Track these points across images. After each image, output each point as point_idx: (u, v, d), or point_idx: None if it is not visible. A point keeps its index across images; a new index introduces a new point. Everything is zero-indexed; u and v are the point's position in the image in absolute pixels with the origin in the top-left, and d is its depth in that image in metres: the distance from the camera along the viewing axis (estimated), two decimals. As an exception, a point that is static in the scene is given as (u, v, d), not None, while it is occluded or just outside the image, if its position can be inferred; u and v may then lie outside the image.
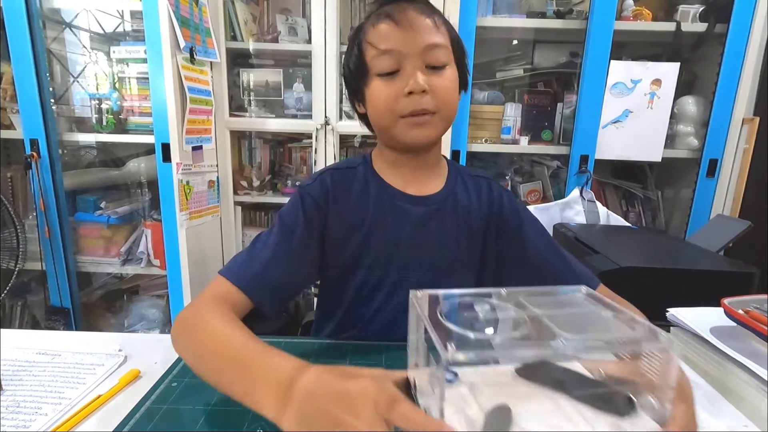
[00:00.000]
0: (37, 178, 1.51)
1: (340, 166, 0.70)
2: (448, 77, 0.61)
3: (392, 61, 0.59)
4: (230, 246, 1.78)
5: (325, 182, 0.66)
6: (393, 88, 0.59)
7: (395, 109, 0.60)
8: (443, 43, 0.60)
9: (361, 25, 0.64)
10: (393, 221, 0.66)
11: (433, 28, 0.60)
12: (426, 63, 0.59)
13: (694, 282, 0.82)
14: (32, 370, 0.55)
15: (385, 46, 0.59)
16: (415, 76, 0.58)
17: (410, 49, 0.58)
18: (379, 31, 0.60)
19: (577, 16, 1.55)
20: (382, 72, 0.60)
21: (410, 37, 0.58)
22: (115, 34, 1.65)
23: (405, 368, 0.40)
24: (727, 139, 1.52)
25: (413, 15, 0.59)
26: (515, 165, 1.83)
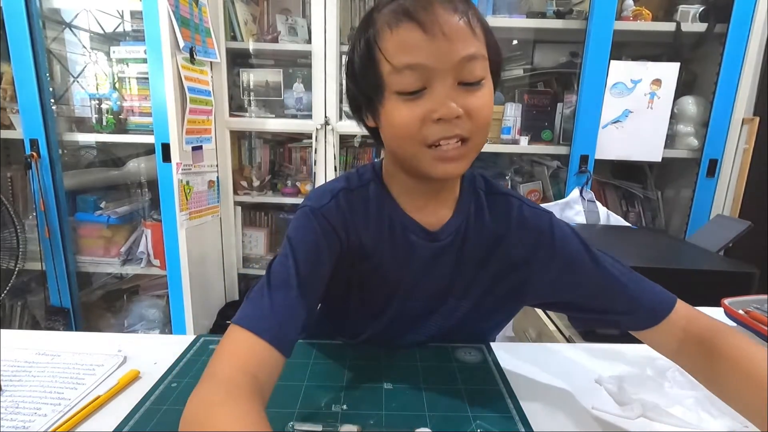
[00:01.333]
0: (37, 178, 1.51)
1: (352, 184, 0.59)
2: (486, 95, 0.48)
3: (417, 78, 0.46)
4: (230, 246, 1.78)
5: (341, 205, 0.57)
6: (418, 112, 0.47)
7: (419, 137, 0.48)
8: (481, 52, 0.47)
9: (370, 18, 0.49)
10: (403, 253, 0.59)
11: (469, 33, 0.46)
12: (459, 79, 0.46)
13: (694, 282, 0.82)
14: (32, 371, 0.55)
15: (408, 60, 0.46)
16: (448, 100, 0.46)
17: (441, 64, 0.45)
18: (400, 39, 0.46)
19: (577, 16, 1.56)
20: (404, 91, 0.47)
21: (441, 47, 0.45)
22: (115, 34, 1.65)
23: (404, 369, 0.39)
24: (727, 139, 1.52)
25: (444, 16, 0.45)
26: (515, 165, 1.83)
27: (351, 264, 0.59)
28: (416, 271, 0.59)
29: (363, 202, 0.58)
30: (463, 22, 0.46)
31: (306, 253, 0.52)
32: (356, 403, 0.51)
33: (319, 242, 0.54)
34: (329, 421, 0.48)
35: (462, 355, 0.62)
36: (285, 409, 0.49)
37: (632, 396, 0.51)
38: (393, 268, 0.59)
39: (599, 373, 0.57)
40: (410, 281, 0.60)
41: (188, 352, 0.62)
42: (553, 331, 0.95)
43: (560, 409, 0.51)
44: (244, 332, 0.44)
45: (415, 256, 0.58)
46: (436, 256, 0.59)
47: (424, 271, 0.59)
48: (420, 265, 0.59)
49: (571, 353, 0.65)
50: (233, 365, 0.42)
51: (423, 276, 0.59)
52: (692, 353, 0.48)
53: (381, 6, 0.49)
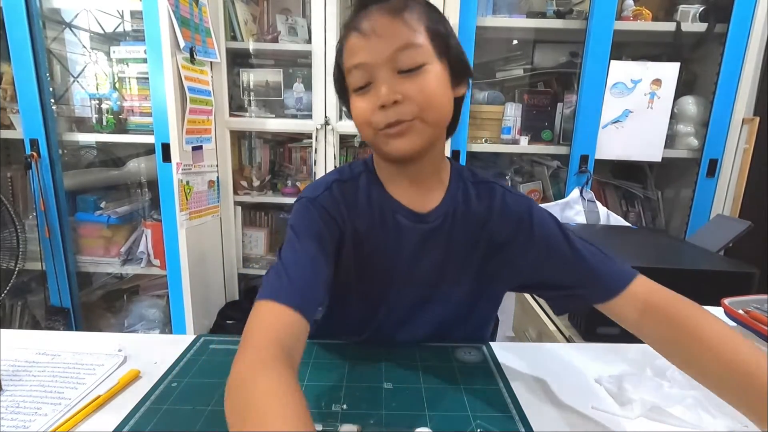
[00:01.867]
0: (37, 178, 1.51)
1: (344, 176, 0.65)
2: (428, 78, 0.54)
3: (363, 75, 0.54)
4: (230, 246, 1.78)
5: (335, 193, 0.62)
6: (367, 103, 0.55)
7: (372, 124, 0.55)
8: (415, 41, 0.53)
9: (340, 38, 0.59)
10: (394, 237, 0.63)
11: (403, 27, 0.53)
12: (398, 68, 0.53)
13: (694, 282, 0.81)
14: (32, 371, 0.55)
15: (353, 61, 0.55)
16: (384, 87, 0.53)
17: (377, 59, 0.53)
18: (349, 46, 0.56)
19: (577, 16, 1.56)
20: (356, 87, 0.56)
21: (375, 45, 0.53)
22: (115, 34, 1.65)
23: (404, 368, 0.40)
24: (727, 139, 1.52)
25: (379, 20, 0.53)
26: (515, 165, 1.83)
27: (348, 252, 0.63)
28: (408, 255, 0.63)
29: (354, 192, 0.63)
30: (398, 20, 0.53)
31: (311, 237, 0.57)
32: (356, 403, 0.51)
33: (321, 228, 0.59)
34: (329, 421, 0.48)
35: (462, 354, 0.63)
36: (285, 409, 0.49)
37: (632, 396, 0.51)
38: (386, 253, 0.63)
39: (599, 373, 0.58)
40: (404, 267, 0.64)
41: (188, 352, 0.62)
42: (553, 331, 0.95)
43: (560, 409, 0.51)
44: (269, 303, 0.47)
45: (405, 239, 0.63)
46: (425, 238, 0.63)
47: (415, 256, 0.63)
48: (411, 248, 0.63)
49: (571, 353, 0.66)
50: (264, 336, 0.45)
51: (415, 261, 0.64)
52: (652, 324, 0.52)
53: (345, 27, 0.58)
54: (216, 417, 0.48)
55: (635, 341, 0.68)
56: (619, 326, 0.84)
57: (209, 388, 0.53)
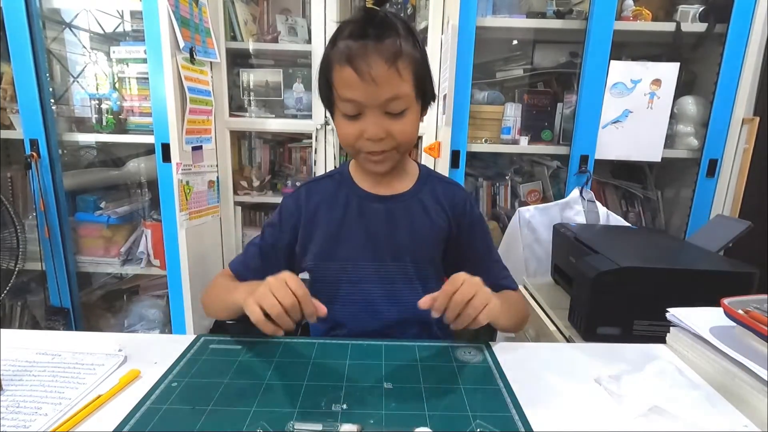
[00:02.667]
0: (37, 178, 1.51)
1: (320, 177, 0.82)
2: (408, 119, 0.67)
3: (354, 108, 0.65)
4: (230, 246, 1.78)
5: (301, 193, 0.79)
6: (354, 129, 0.66)
7: (356, 146, 0.68)
8: (403, 91, 0.64)
9: (333, 44, 0.66)
10: (363, 218, 0.75)
11: (396, 78, 0.63)
12: (385, 110, 0.65)
13: (694, 282, 0.82)
14: (32, 370, 0.55)
15: (348, 95, 0.64)
16: (373, 127, 0.65)
17: (371, 102, 0.64)
18: (343, 78, 0.63)
19: (577, 16, 1.55)
20: (346, 114, 0.66)
21: (371, 90, 0.62)
22: (115, 34, 1.65)
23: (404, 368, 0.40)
24: (727, 139, 1.52)
25: (376, 66, 0.61)
26: (515, 165, 1.83)
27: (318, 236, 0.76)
28: (377, 232, 0.75)
29: (322, 188, 0.79)
30: (392, 69, 0.62)
31: (268, 227, 0.80)
32: (356, 403, 0.51)
33: (276, 219, 0.79)
34: (329, 421, 0.48)
35: (462, 354, 0.63)
36: (285, 409, 0.49)
37: (632, 396, 0.51)
38: (357, 232, 0.75)
39: (599, 373, 0.57)
40: (376, 243, 0.75)
41: (188, 352, 0.62)
42: (553, 331, 0.95)
43: (560, 409, 0.51)
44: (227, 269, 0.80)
45: (373, 217, 0.75)
46: (392, 216, 0.75)
47: (385, 231, 0.75)
48: (379, 226, 0.75)
49: (571, 353, 0.66)
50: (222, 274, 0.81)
51: (386, 237, 0.75)
52: None
53: (339, 37, 0.65)
54: (216, 417, 0.48)
55: (635, 341, 0.69)
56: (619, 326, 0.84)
57: (209, 388, 0.53)
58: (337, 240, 0.76)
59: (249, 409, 0.49)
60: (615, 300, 0.82)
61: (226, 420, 0.47)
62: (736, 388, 0.53)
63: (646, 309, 0.81)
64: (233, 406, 0.49)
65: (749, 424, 0.49)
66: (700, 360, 0.60)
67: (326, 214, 0.76)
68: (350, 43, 0.63)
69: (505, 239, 1.51)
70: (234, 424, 0.46)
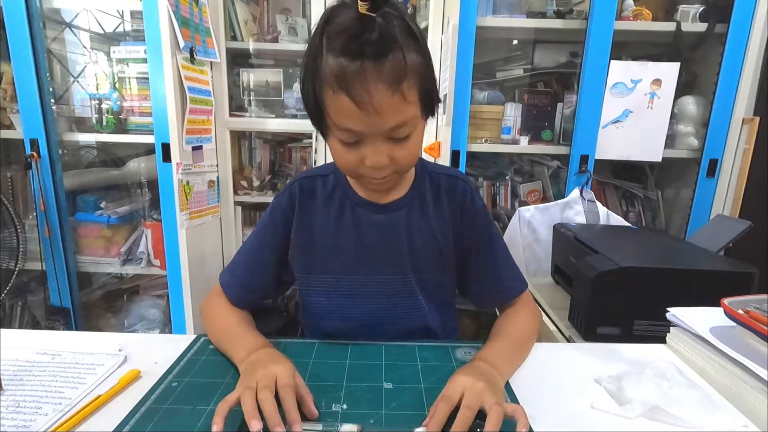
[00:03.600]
0: (37, 178, 1.51)
1: (313, 172, 0.73)
2: (412, 143, 0.59)
3: (353, 136, 0.56)
4: (230, 246, 1.78)
5: (293, 191, 0.71)
6: (353, 156, 0.58)
7: (355, 172, 0.61)
8: (409, 116, 0.56)
9: (318, 63, 0.54)
10: (359, 229, 0.68)
11: (401, 103, 0.54)
12: (389, 136, 0.56)
13: (694, 282, 0.82)
14: (32, 370, 0.55)
15: (345, 125, 0.55)
16: (375, 156, 0.57)
17: (372, 131, 0.55)
18: (339, 107, 0.53)
19: (577, 16, 1.55)
20: (342, 141, 0.58)
21: (372, 120, 0.53)
22: (115, 34, 1.65)
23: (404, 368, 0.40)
24: (727, 139, 1.52)
25: (378, 93, 0.51)
26: (515, 165, 1.83)
27: (310, 243, 0.70)
28: (371, 244, 0.68)
29: (316, 187, 0.71)
30: (394, 95, 0.52)
31: (260, 229, 0.74)
32: (356, 403, 0.51)
33: (268, 221, 0.72)
34: (329, 421, 0.48)
35: (462, 355, 0.63)
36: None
37: (632, 396, 0.51)
38: (350, 242, 0.68)
39: (599, 372, 0.58)
40: (370, 255, 0.68)
41: (188, 352, 0.62)
42: (553, 331, 0.95)
43: (560, 409, 0.51)
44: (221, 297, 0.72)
45: (368, 228, 0.68)
46: (388, 227, 0.68)
47: (380, 244, 0.68)
48: (374, 238, 0.68)
49: (571, 353, 0.66)
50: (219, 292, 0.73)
51: (380, 249, 0.68)
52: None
53: (329, 46, 0.53)
54: (216, 417, 0.48)
55: (635, 341, 0.69)
56: (619, 326, 0.84)
57: (209, 388, 0.53)
58: (330, 252, 0.69)
59: (249, 409, 0.49)
60: (615, 300, 0.82)
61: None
62: (736, 388, 0.53)
63: (646, 309, 0.81)
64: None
65: (749, 424, 0.49)
66: (700, 360, 0.60)
67: (318, 221, 0.70)
68: (344, 62, 0.51)
69: (505, 239, 1.51)
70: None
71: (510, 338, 0.64)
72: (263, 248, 0.72)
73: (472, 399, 0.46)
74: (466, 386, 0.48)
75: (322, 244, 0.69)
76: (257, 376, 0.49)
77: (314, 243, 0.70)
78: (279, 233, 0.71)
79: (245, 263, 0.72)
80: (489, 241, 0.72)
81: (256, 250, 0.72)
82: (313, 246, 0.70)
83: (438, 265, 0.71)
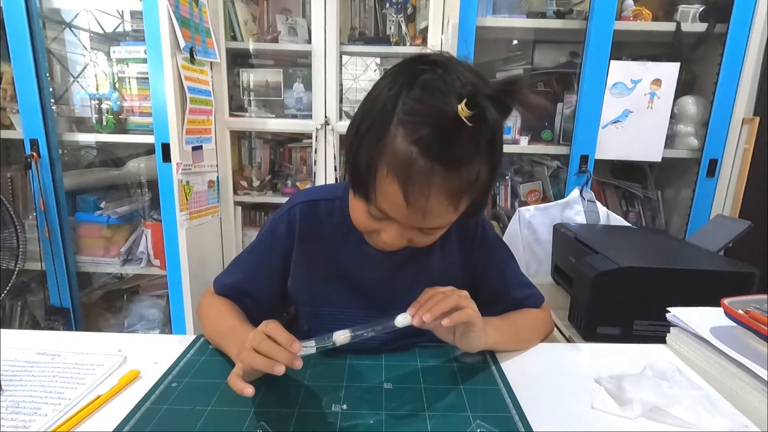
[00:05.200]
0: (37, 178, 1.51)
1: (316, 195, 0.69)
2: (436, 235, 0.57)
3: (384, 217, 0.53)
4: (230, 246, 1.78)
5: (294, 216, 0.67)
6: (372, 225, 0.55)
7: (367, 235, 0.60)
8: (449, 221, 0.54)
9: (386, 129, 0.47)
10: (362, 266, 0.66)
11: (450, 213, 0.51)
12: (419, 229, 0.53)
13: (694, 282, 0.82)
14: (32, 371, 0.55)
15: (384, 209, 0.51)
16: (394, 239, 0.54)
17: (410, 224, 0.52)
18: (387, 192, 0.48)
19: (577, 16, 1.55)
20: (371, 214, 0.54)
21: (415, 219, 0.50)
22: (115, 34, 1.65)
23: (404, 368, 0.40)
24: (727, 139, 1.52)
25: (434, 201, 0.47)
26: (515, 165, 1.83)
27: (310, 275, 0.67)
28: (376, 283, 0.66)
29: (321, 214, 0.67)
30: (449, 206, 0.49)
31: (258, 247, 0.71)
32: (356, 403, 0.51)
33: (267, 242, 0.69)
34: (329, 421, 0.48)
35: (462, 355, 0.62)
36: (285, 409, 0.49)
37: (632, 396, 0.51)
38: (353, 278, 0.66)
39: (599, 373, 0.57)
40: (372, 293, 0.67)
41: (188, 352, 0.62)
42: (553, 331, 0.95)
43: (560, 409, 0.51)
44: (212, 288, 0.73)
45: (373, 267, 0.66)
46: (393, 268, 0.66)
47: (384, 283, 0.66)
48: (378, 277, 0.66)
49: (571, 353, 0.65)
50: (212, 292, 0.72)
51: (384, 289, 0.66)
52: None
53: (407, 120, 0.46)
54: (216, 417, 0.48)
55: (635, 341, 0.69)
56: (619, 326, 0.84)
57: (209, 388, 0.53)
58: (331, 287, 0.67)
59: (249, 409, 0.49)
60: (615, 300, 0.82)
61: (226, 420, 0.47)
62: (736, 388, 0.53)
63: (646, 309, 0.81)
64: (233, 407, 0.49)
65: (749, 424, 0.49)
66: (700, 360, 0.60)
67: (321, 254, 0.66)
68: (414, 154, 0.45)
69: (505, 239, 1.51)
70: (234, 425, 0.46)
71: (509, 319, 0.66)
72: (260, 269, 0.69)
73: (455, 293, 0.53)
74: (453, 288, 0.54)
75: (324, 279, 0.67)
76: (246, 342, 0.49)
77: (315, 277, 0.67)
78: (277, 260, 0.68)
79: (242, 278, 0.69)
80: (500, 268, 0.71)
81: (254, 267, 0.69)
82: (313, 280, 0.67)
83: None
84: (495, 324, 0.61)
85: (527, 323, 0.68)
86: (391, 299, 0.64)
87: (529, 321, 0.69)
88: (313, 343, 0.50)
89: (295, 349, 0.46)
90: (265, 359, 0.46)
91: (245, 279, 0.69)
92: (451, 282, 0.63)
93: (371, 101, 0.51)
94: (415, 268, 0.66)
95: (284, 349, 0.46)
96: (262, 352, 0.47)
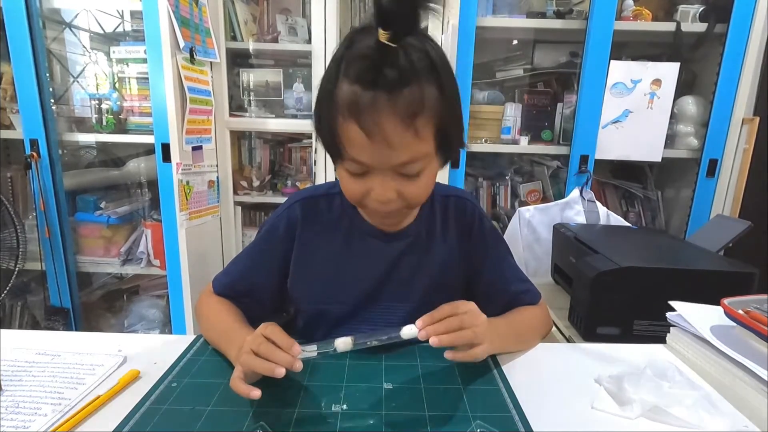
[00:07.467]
0: (37, 178, 1.51)
1: (317, 191, 0.70)
2: (423, 182, 0.57)
3: (360, 167, 0.55)
4: (230, 246, 1.78)
5: (294, 213, 0.68)
6: (359, 187, 0.56)
7: (360, 202, 0.59)
8: (421, 153, 0.54)
9: (333, 89, 0.53)
10: (364, 259, 0.67)
11: (413, 139, 0.52)
12: (399, 172, 0.55)
13: (694, 282, 0.82)
14: (32, 371, 0.55)
15: (353, 155, 0.53)
16: (381, 189, 0.55)
17: (380, 165, 0.54)
18: (349, 135, 0.52)
19: (577, 16, 1.55)
20: (350, 171, 0.56)
21: (382, 153, 0.52)
22: (115, 34, 1.65)
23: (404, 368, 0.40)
24: (727, 139, 1.52)
25: (389, 126, 0.50)
26: (515, 165, 1.83)
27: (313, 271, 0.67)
28: (378, 276, 0.66)
29: (321, 209, 0.68)
30: (407, 130, 0.51)
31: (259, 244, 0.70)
32: (356, 403, 0.51)
33: (267, 240, 0.69)
34: (329, 421, 0.48)
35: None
36: (285, 409, 0.49)
37: (632, 396, 0.51)
38: (356, 273, 0.66)
39: (599, 373, 0.57)
40: (375, 287, 0.67)
41: (188, 352, 0.62)
42: (553, 331, 0.95)
43: (560, 409, 0.51)
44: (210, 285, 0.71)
45: (376, 259, 0.66)
46: (395, 259, 0.67)
47: (387, 276, 0.66)
48: (381, 269, 0.66)
49: (571, 353, 0.65)
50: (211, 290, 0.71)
51: (387, 282, 0.66)
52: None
53: (345, 71, 0.51)
54: (216, 417, 0.48)
55: (635, 341, 0.69)
56: (619, 326, 0.84)
57: (209, 388, 0.53)
58: (332, 284, 0.67)
59: (249, 409, 0.49)
60: (615, 300, 0.82)
61: (226, 420, 0.47)
62: (736, 388, 0.53)
63: (646, 309, 0.81)
64: (233, 407, 0.49)
65: (749, 424, 0.49)
66: (700, 360, 0.60)
67: (321, 251, 0.67)
68: (357, 91, 0.50)
69: (505, 239, 1.51)
70: (234, 425, 0.46)
71: (511, 323, 0.65)
72: (259, 268, 0.69)
73: (470, 319, 0.52)
74: (472, 309, 0.53)
75: (325, 276, 0.67)
76: (245, 345, 0.50)
77: (316, 275, 0.68)
78: (277, 260, 0.69)
79: (241, 278, 0.69)
80: (498, 261, 0.72)
81: (253, 267, 0.69)
82: (314, 278, 0.68)
83: (446, 293, 0.67)
84: (499, 331, 0.60)
85: (528, 323, 0.68)
86: (391, 294, 0.67)
87: (530, 321, 0.69)
88: (314, 347, 0.50)
89: (295, 352, 0.47)
90: (264, 362, 0.46)
91: (244, 279, 0.69)
92: (450, 275, 0.68)
93: (322, 77, 0.56)
94: (415, 260, 0.67)
95: (284, 352, 0.46)
96: (261, 355, 0.47)
